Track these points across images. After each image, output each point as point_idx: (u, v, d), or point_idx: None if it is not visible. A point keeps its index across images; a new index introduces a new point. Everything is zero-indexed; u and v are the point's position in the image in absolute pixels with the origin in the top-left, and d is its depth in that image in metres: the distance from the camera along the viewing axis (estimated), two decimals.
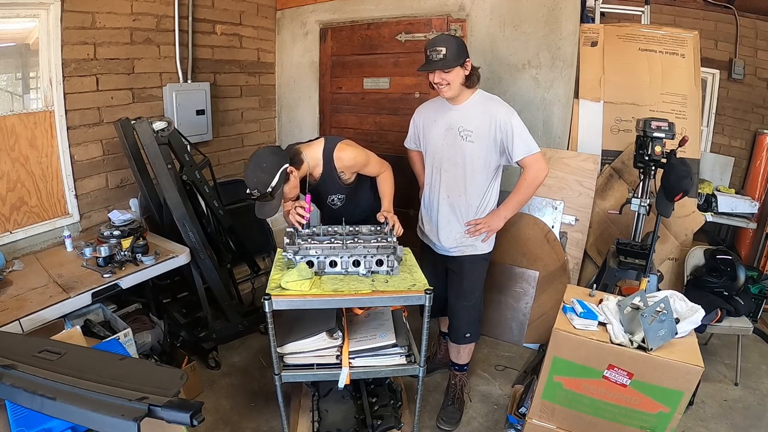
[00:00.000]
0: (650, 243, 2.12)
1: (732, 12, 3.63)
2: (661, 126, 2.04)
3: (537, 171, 1.89)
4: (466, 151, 1.92)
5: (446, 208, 2.04)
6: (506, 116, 1.85)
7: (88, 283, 1.92)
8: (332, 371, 1.69)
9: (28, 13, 2.15)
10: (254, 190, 1.76)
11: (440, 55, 1.80)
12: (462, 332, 2.15)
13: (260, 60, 3.48)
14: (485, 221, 1.99)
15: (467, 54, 1.85)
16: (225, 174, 3.31)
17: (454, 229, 2.04)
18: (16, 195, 2.23)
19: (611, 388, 1.56)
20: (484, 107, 1.90)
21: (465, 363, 2.25)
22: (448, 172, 2.00)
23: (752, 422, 2.22)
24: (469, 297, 2.11)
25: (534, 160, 1.87)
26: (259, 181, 1.75)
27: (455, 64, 1.81)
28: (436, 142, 2.01)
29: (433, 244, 2.14)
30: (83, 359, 1.18)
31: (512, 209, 2.00)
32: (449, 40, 1.83)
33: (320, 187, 2.01)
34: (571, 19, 2.53)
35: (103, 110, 2.49)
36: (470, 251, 2.06)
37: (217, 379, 2.43)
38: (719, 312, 2.35)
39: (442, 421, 2.17)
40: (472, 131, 1.90)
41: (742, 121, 3.79)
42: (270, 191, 1.75)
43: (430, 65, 1.84)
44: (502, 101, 1.93)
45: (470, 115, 1.91)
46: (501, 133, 1.86)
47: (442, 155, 2.00)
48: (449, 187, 2.01)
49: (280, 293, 1.58)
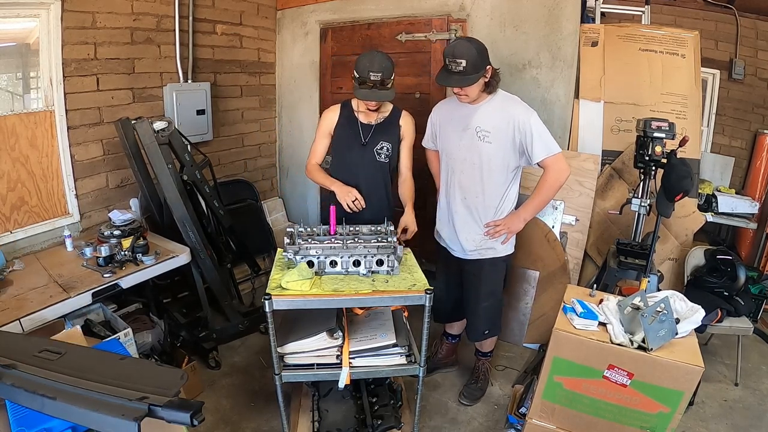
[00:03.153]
0: (650, 243, 2.12)
1: (732, 12, 3.62)
2: (661, 126, 2.05)
3: (558, 172, 1.84)
4: (483, 151, 1.89)
5: (463, 210, 2.01)
6: (525, 116, 1.81)
7: (88, 282, 1.92)
8: (332, 371, 1.69)
9: (29, 13, 2.15)
10: (380, 72, 1.88)
11: (460, 67, 1.74)
12: (481, 330, 2.17)
13: (260, 60, 3.48)
14: (504, 222, 1.96)
15: (487, 59, 1.80)
16: (225, 174, 3.32)
17: (472, 231, 2.01)
18: (17, 195, 2.23)
19: (611, 388, 1.56)
20: (502, 107, 1.87)
21: (489, 351, 2.34)
22: (465, 173, 1.97)
23: (752, 422, 2.22)
24: (489, 299, 2.11)
25: (555, 160, 1.82)
26: (386, 66, 1.89)
27: (475, 79, 1.76)
28: (452, 142, 1.99)
29: (451, 248, 2.11)
30: (83, 359, 1.18)
31: (532, 211, 1.96)
32: (470, 49, 1.75)
33: (377, 131, 2.10)
34: (571, 19, 2.53)
35: (104, 110, 2.49)
36: (490, 254, 2.03)
37: (218, 379, 2.43)
38: (719, 312, 2.35)
39: (464, 396, 2.25)
40: (489, 132, 1.87)
41: (742, 121, 3.79)
42: (392, 78, 1.93)
43: (448, 78, 1.80)
44: (521, 101, 1.89)
45: (488, 116, 1.88)
46: (520, 133, 1.82)
47: (458, 156, 1.97)
48: (466, 189, 1.98)
49: (280, 293, 1.58)
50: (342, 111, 2.14)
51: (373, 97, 1.94)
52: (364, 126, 2.11)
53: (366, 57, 1.93)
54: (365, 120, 2.11)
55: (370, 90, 1.92)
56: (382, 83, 1.91)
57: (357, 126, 2.11)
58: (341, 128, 2.13)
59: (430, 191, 3.16)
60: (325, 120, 2.17)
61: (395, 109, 2.15)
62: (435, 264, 2.34)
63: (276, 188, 3.91)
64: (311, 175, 2.17)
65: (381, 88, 1.91)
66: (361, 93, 1.94)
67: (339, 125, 2.13)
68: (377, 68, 1.88)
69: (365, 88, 1.92)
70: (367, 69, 1.89)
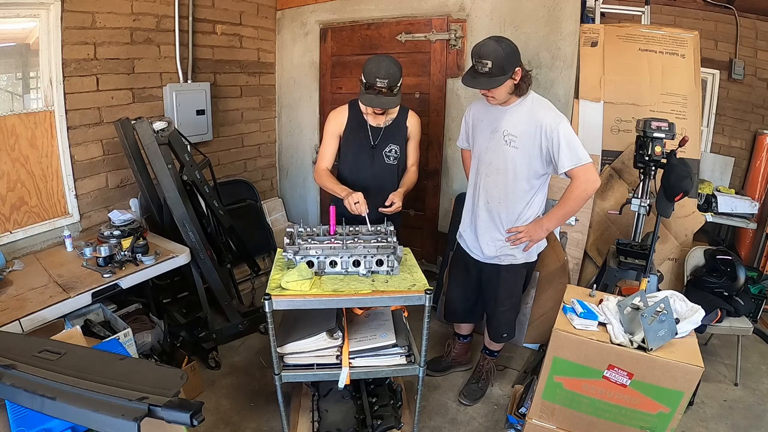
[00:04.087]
0: (650, 243, 2.12)
1: (732, 12, 3.62)
2: (661, 126, 2.05)
3: (585, 183, 1.73)
4: (509, 156, 1.83)
5: (485, 215, 1.97)
6: (553, 123, 1.73)
7: (88, 283, 1.92)
8: (332, 371, 1.69)
9: (28, 13, 2.15)
10: (386, 79, 1.88)
11: (486, 68, 1.67)
12: (500, 333, 2.17)
13: (260, 60, 3.48)
14: (526, 230, 1.90)
15: (517, 61, 1.71)
16: (225, 174, 3.32)
17: (493, 236, 1.97)
18: (17, 195, 2.23)
19: (611, 389, 1.56)
20: (531, 112, 1.79)
21: (497, 350, 2.33)
22: (490, 177, 1.92)
23: (752, 422, 2.22)
24: (506, 303, 2.10)
25: (583, 171, 1.72)
26: (392, 73, 1.90)
27: (502, 80, 1.69)
28: (481, 145, 1.94)
29: (472, 251, 2.09)
30: (83, 359, 1.18)
31: (556, 222, 1.88)
32: (497, 50, 1.67)
33: (386, 134, 2.11)
34: (571, 19, 2.53)
35: (104, 110, 2.49)
36: (508, 260, 1.99)
37: (217, 379, 2.43)
38: (719, 312, 2.35)
39: (464, 395, 2.24)
40: (516, 136, 1.80)
41: (742, 121, 3.79)
42: (399, 85, 1.94)
43: (474, 79, 1.73)
44: (552, 106, 1.80)
45: (516, 119, 1.81)
46: (547, 141, 1.74)
47: (485, 159, 1.93)
48: (490, 193, 1.94)
49: (280, 293, 1.58)
50: (350, 112, 2.13)
51: (377, 103, 1.93)
52: (373, 129, 2.10)
53: (373, 62, 1.91)
54: (374, 122, 2.10)
55: (376, 96, 1.91)
56: (390, 89, 1.90)
57: (366, 128, 2.10)
58: (351, 130, 2.12)
59: (430, 192, 3.18)
60: (333, 121, 2.14)
61: (402, 110, 2.15)
62: (434, 265, 2.33)
63: (276, 188, 3.92)
64: (320, 180, 2.12)
65: (387, 94, 1.91)
66: (365, 98, 1.94)
67: (348, 127, 2.13)
68: (384, 74, 1.87)
69: (371, 93, 1.92)
70: (373, 75, 1.88)
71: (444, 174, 3.11)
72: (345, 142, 2.15)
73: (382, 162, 2.11)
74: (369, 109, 2.06)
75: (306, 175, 3.75)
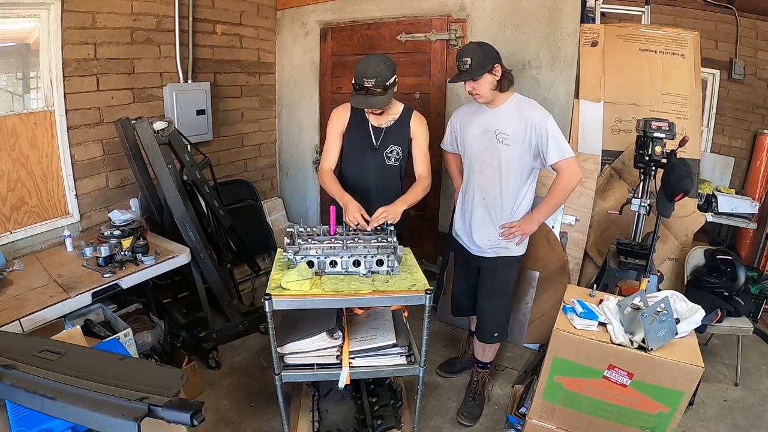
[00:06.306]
0: (650, 243, 2.12)
1: (732, 12, 3.62)
2: (661, 126, 2.05)
3: (570, 175, 1.88)
4: (502, 154, 1.93)
5: (481, 210, 2.04)
6: (542, 120, 1.86)
7: (88, 282, 1.92)
8: (332, 371, 1.69)
9: (29, 13, 2.15)
10: (373, 78, 1.86)
11: (466, 65, 1.83)
12: (491, 331, 2.17)
13: (260, 60, 3.48)
14: (519, 225, 1.99)
15: (496, 59, 1.86)
16: (225, 174, 3.32)
17: (488, 231, 2.05)
18: (17, 195, 2.23)
19: (611, 389, 1.56)
20: (520, 111, 1.91)
21: (489, 361, 2.30)
22: (484, 175, 2.01)
23: (752, 422, 2.22)
24: (500, 297, 2.13)
25: (567, 164, 1.86)
26: (380, 72, 1.87)
27: (481, 73, 1.83)
28: (472, 145, 2.03)
29: (467, 245, 2.15)
30: (83, 359, 1.18)
31: (545, 213, 2.00)
32: (475, 49, 1.86)
33: (387, 134, 2.08)
34: (571, 19, 2.53)
35: (104, 110, 2.49)
36: (504, 253, 2.06)
37: (218, 379, 2.43)
38: (719, 312, 2.35)
39: (463, 416, 2.21)
40: (508, 134, 1.91)
41: (742, 121, 3.79)
42: (388, 85, 1.89)
43: (458, 76, 1.87)
44: (538, 105, 1.94)
45: (507, 119, 1.92)
46: (536, 136, 1.87)
47: (478, 157, 2.01)
48: (484, 190, 2.02)
49: (280, 293, 1.58)
50: (353, 111, 2.10)
51: (366, 104, 1.92)
52: (375, 129, 2.08)
53: (361, 62, 1.91)
54: (376, 123, 2.08)
55: (365, 96, 1.90)
56: (380, 88, 1.88)
57: (368, 129, 2.08)
58: (353, 129, 2.11)
59: (430, 192, 3.16)
60: (336, 120, 2.13)
61: (406, 110, 2.11)
62: (434, 265, 2.34)
63: (276, 188, 3.92)
64: (324, 183, 2.10)
65: (377, 93, 1.89)
66: (355, 100, 1.93)
67: (351, 126, 2.11)
68: (371, 74, 1.86)
69: (360, 94, 1.90)
70: (360, 75, 1.87)
71: (444, 174, 3.10)
72: (347, 141, 2.13)
73: (384, 163, 2.10)
74: (367, 109, 2.05)
75: (306, 175, 3.75)
